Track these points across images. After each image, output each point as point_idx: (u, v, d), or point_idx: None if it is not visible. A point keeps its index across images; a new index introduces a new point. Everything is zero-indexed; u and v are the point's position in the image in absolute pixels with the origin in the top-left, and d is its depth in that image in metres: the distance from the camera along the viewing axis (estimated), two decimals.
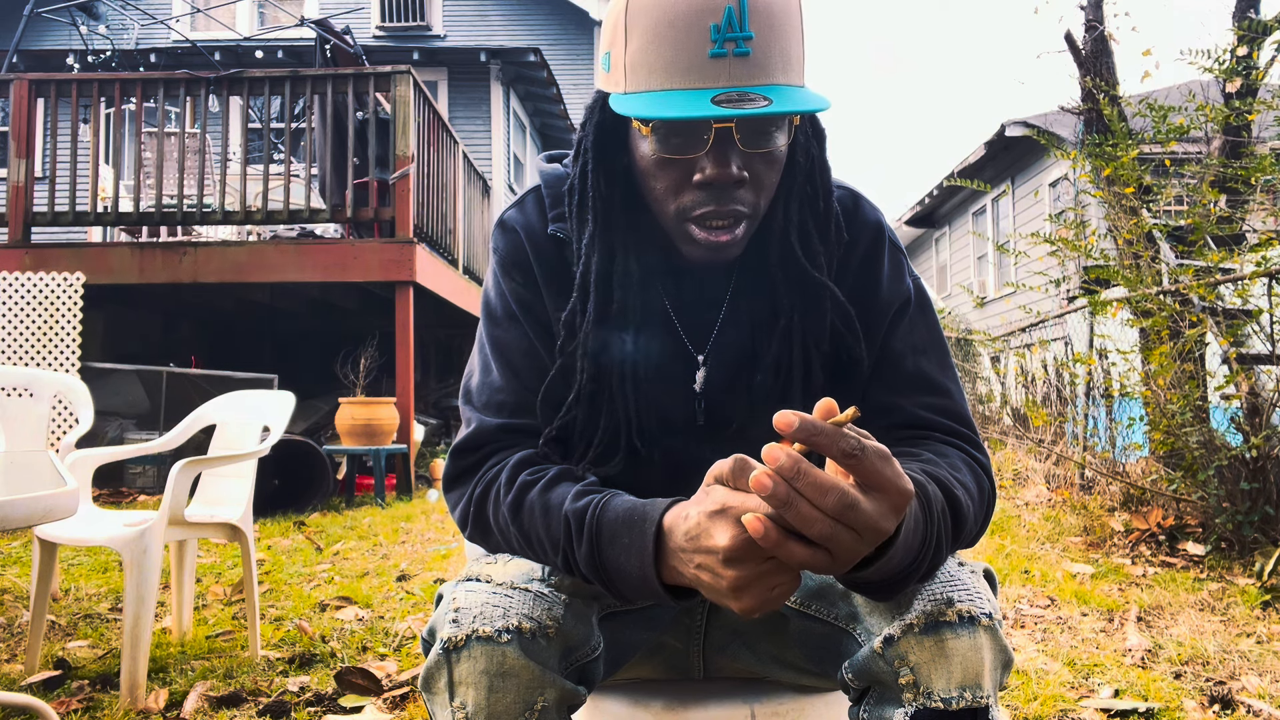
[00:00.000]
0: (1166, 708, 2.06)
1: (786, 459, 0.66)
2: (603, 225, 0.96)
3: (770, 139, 0.88)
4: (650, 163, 0.90)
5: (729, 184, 0.87)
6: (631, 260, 0.96)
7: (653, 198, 0.92)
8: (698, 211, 0.89)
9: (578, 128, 0.99)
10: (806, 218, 0.97)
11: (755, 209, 0.91)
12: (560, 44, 12.21)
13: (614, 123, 0.94)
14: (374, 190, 6.15)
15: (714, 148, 0.86)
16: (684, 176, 0.89)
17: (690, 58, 0.83)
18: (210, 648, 2.50)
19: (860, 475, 0.68)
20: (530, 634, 0.82)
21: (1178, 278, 4.12)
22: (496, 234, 1.04)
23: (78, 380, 2.80)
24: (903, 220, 16.66)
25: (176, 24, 11.20)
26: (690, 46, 0.83)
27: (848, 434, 0.67)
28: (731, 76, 0.83)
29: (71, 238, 8.68)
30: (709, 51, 0.82)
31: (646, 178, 0.92)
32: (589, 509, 0.85)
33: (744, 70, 0.83)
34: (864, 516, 0.68)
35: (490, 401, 0.99)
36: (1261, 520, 3.51)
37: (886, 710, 0.84)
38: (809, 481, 0.67)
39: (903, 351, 1.00)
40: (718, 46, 0.82)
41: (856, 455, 0.67)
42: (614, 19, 0.88)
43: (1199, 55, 4.27)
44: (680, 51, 0.83)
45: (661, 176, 0.90)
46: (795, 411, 0.67)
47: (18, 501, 1.25)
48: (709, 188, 0.88)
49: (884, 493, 0.69)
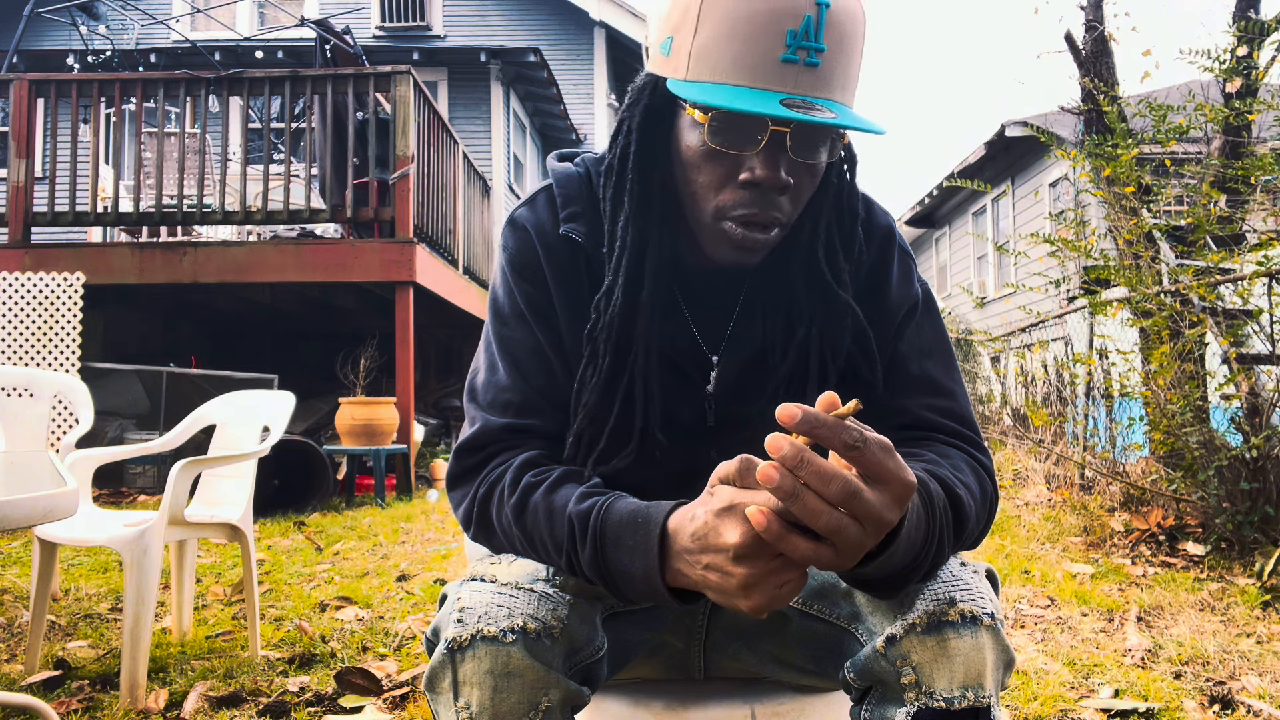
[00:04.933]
0: (1166, 708, 2.06)
1: (790, 448, 0.67)
2: (639, 209, 0.94)
3: (818, 152, 0.88)
4: (697, 154, 0.89)
5: (774, 188, 0.87)
6: (666, 251, 0.96)
7: (691, 190, 0.91)
8: (737, 211, 0.89)
9: (622, 109, 0.97)
10: (834, 236, 0.97)
11: (790, 218, 0.91)
12: (560, 44, 12.20)
13: (662, 108, 0.93)
14: (374, 190, 6.15)
15: (766, 149, 0.86)
16: (730, 173, 0.88)
17: (762, 57, 0.82)
18: (210, 648, 2.50)
19: (863, 467, 0.69)
20: (535, 634, 0.82)
21: (1178, 278, 4.12)
22: (506, 232, 1.03)
23: (78, 380, 2.80)
24: (903, 220, 16.66)
25: (176, 24, 11.19)
26: (764, 46, 0.82)
27: (849, 426, 0.68)
28: (799, 84, 0.83)
29: (71, 238, 8.68)
30: (781, 55, 0.82)
31: (690, 169, 0.91)
32: (593, 511, 0.84)
33: (811, 80, 0.83)
34: (867, 506, 0.68)
35: (496, 400, 0.98)
36: (1261, 520, 3.51)
37: (888, 710, 0.84)
38: (813, 470, 0.67)
39: (909, 354, 1.00)
40: (790, 52, 0.82)
41: (858, 447, 0.67)
42: (685, 5, 0.86)
43: (1199, 55, 4.27)
44: (754, 49, 0.82)
45: (707, 170, 0.89)
46: (797, 404, 0.67)
47: (18, 501, 1.25)
48: (754, 188, 0.87)
49: (887, 484, 0.69)
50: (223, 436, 2.64)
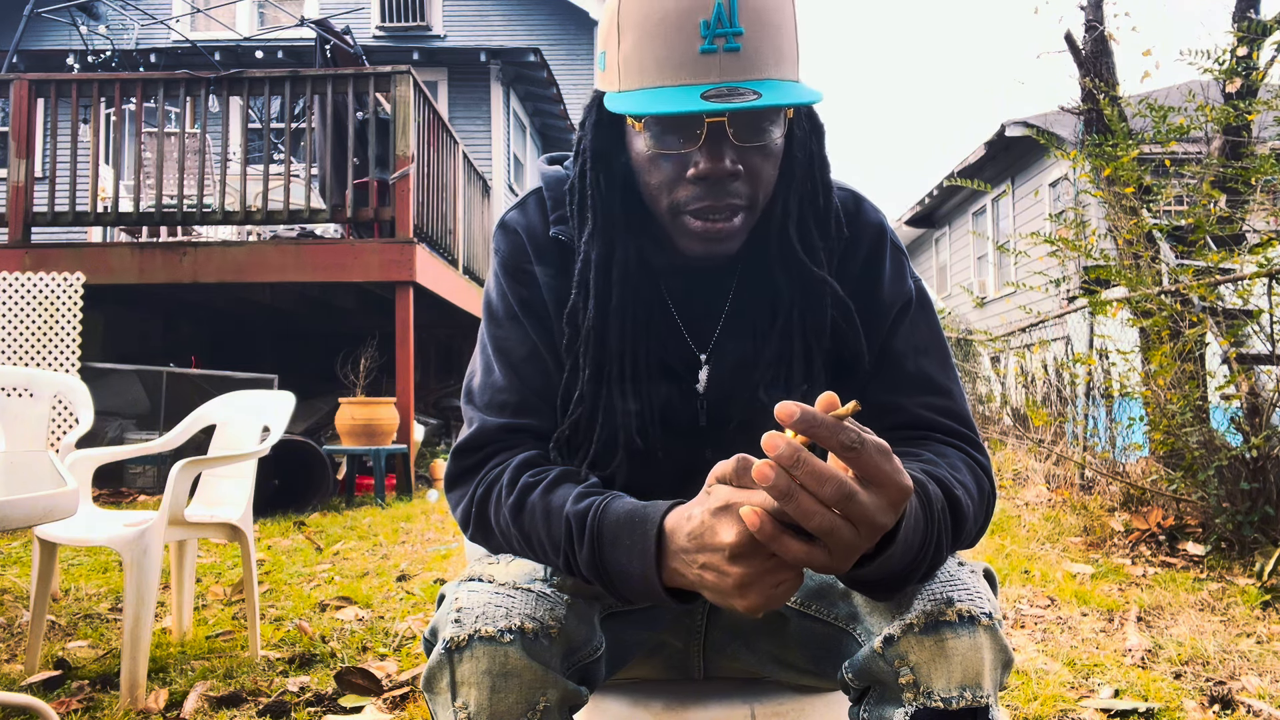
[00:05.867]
0: (1166, 708, 2.06)
1: (786, 446, 0.67)
2: (602, 223, 0.96)
3: (764, 132, 0.88)
4: (645, 159, 0.91)
5: (723, 177, 0.88)
6: (631, 258, 0.97)
7: (648, 193, 0.93)
8: (693, 206, 0.90)
9: (576, 128, 1.00)
10: (806, 213, 0.98)
11: (753, 201, 0.92)
12: (560, 44, 12.21)
13: (611, 121, 0.95)
14: (374, 190, 6.16)
15: (707, 142, 0.87)
16: (678, 171, 0.90)
17: (681, 54, 0.84)
18: (210, 648, 2.50)
19: (859, 469, 0.68)
20: (533, 634, 0.82)
21: (1178, 278, 4.12)
22: (498, 235, 1.04)
23: (78, 380, 2.80)
24: (903, 220, 16.66)
25: (176, 24, 11.19)
26: (681, 43, 0.84)
27: (848, 427, 0.68)
28: (723, 72, 0.84)
29: (71, 238, 8.68)
30: (699, 48, 0.83)
31: (642, 174, 0.93)
32: (590, 511, 0.85)
33: (735, 65, 0.84)
34: (862, 509, 0.68)
35: (492, 401, 0.99)
36: (1261, 520, 3.51)
37: (886, 710, 0.84)
38: (808, 470, 0.67)
39: (904, 352, 1.00)
40: (708, 42, 0.83)
41: (855, 449, 0.67)
42: (608, 19, 0.90)
43: (1199, 56, 4.27)
44: (672, 48, 0.84)
45: (656, 172, 0.91)
46: (796, 402, 0.67)
47: (18, 501, 1.25)
48: (703, 182, 0.88)
49: (883, 487, 0.69)
50: (223, 436, 2.64)
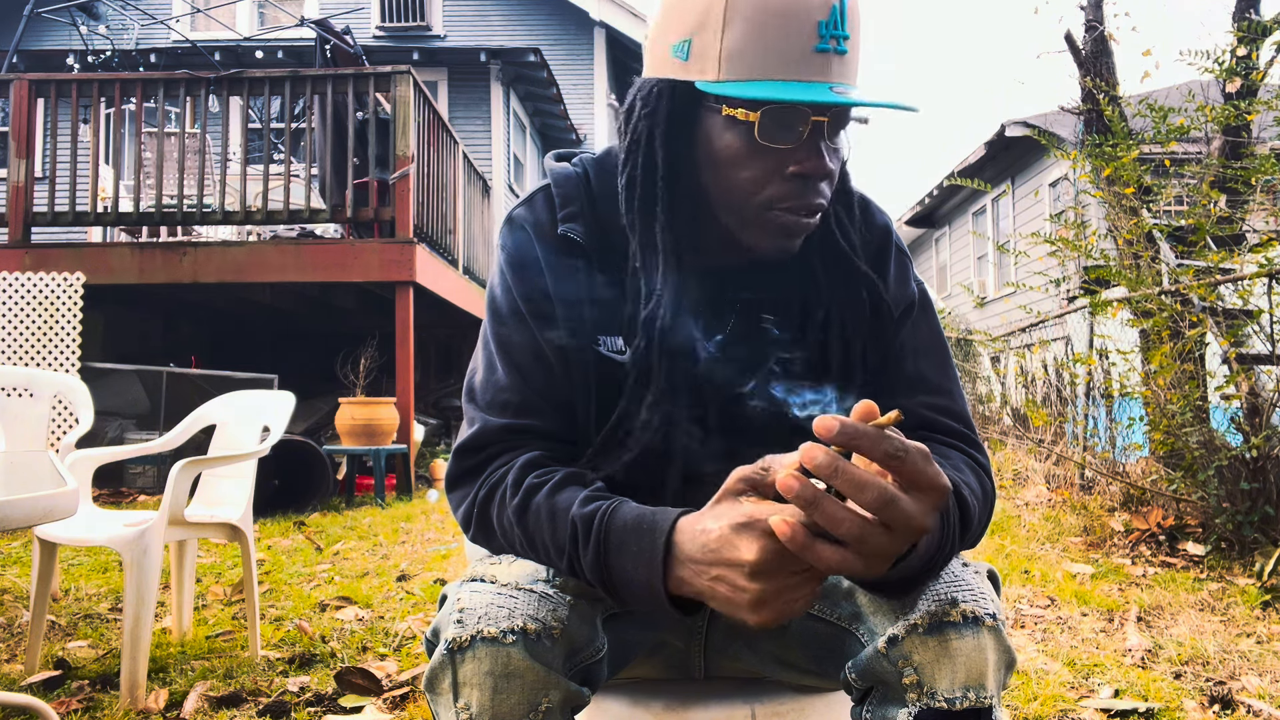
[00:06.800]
0: (1166, 708, 2.06)
1: (824, 457, 0.67)
2: (669, 220, 0.93)
3: (845, 136, 0.90)
4: (739, 152, 0.88)
5: (822, 176, 0.88)
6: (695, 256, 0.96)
7: (730, 187, 0.90)
8: (787, 202, 0.89)
9: (631, 117, 0.94)
10: (843, 215, 1.00)
11: (827, 204, 0.93)
12: (560, 44, 12.20)
13: (684, 112, 0.92)
14: (374, 190, 6.15)
15: (808, 140, 0.87)
16: (776, 167, 0.88)
17: (800, 51, 0.84)
18: (210, 648, 2.50)
19: (903, 476, 0.68)
20: (535, 635, 0.82)
21: (1178, 278, 4.12)
22: (504, 231, 1.02)
23: (78, 380, 2.80)
24: (903, 220, 16.67)
25: (176, 24, 11.18)
26: (800, 40, 0.84)
27: (891, 436, 0.67)
28: (834, 73, 0.85)
29: (71, 238, 8.67)
30: (814, 46, 0.84)
31: (729, 167, 0.89)
32: (597, 515, 0.84)
33: (841, 68, 0.85)
34: (904, 512, 0.68)
35: (495, 401, 0.97)
36: (1261, 520, 3.51)
37: (889, 710, 0.84)
38: (847, 478, 0.67)
39: (905, 353, 1.00)
40: (824, 42, 0.84)
41: (900, 456, 0.67)
42: (704, 7, 0.86)
43: (1199, 56, 4.27)
44: (790, 44, 0.84)
45: (751, 166, 0.88)
46: (835, 416, 0.67)
47: (18, 501, 1.25)
48: (801, 179, 0.88)
49: (924, 491, 0.69)
50: (223, 436, 2.64)
